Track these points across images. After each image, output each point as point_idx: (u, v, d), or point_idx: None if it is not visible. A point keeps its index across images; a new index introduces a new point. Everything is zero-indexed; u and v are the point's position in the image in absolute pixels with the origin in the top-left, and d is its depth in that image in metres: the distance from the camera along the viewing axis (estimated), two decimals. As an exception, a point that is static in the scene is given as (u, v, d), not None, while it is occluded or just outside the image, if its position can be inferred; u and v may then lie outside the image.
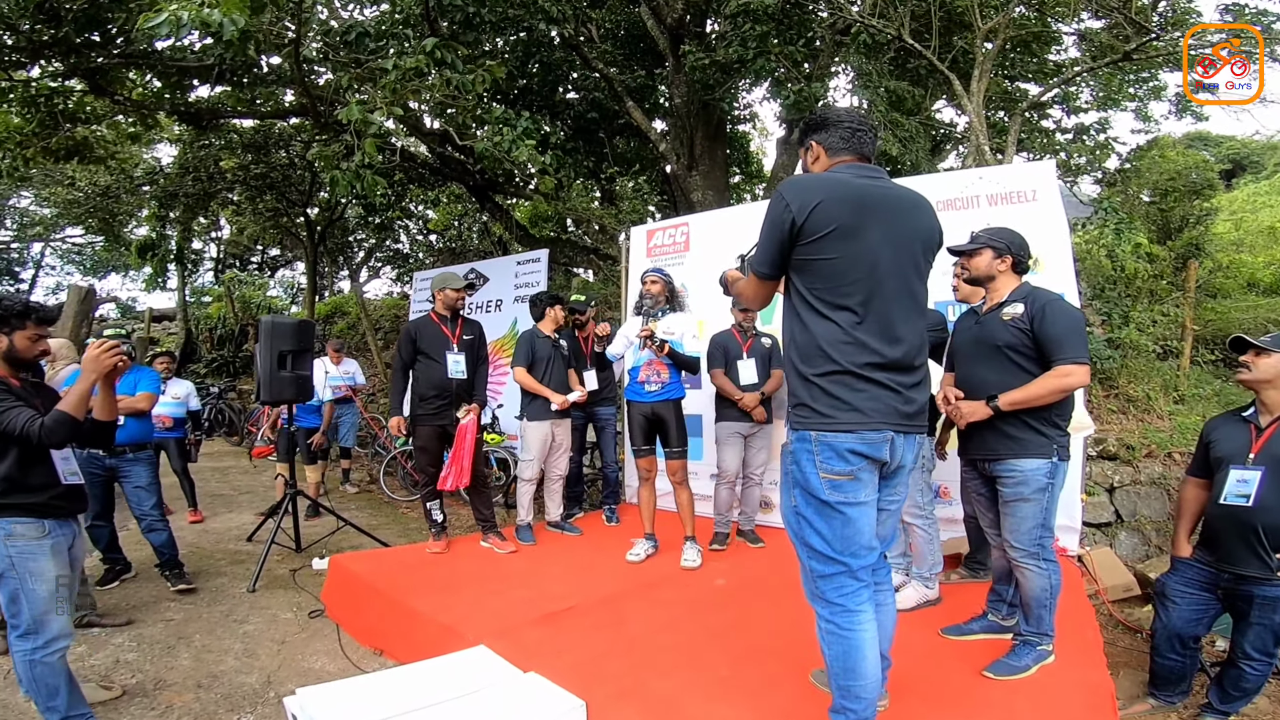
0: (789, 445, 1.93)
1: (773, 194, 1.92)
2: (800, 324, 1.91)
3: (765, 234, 1.91)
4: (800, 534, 1.92)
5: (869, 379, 1.83)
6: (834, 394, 1.83)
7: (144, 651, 3.48)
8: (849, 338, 1.82)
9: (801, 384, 1.89)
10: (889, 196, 1.91)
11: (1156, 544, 4.79)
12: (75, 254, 23.32)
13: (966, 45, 6.83)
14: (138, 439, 4.16)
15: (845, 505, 1.84)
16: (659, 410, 3.96)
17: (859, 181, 1.89)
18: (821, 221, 1.80)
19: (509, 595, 3.43)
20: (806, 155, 2.06)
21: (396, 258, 17.44)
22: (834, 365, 1.82)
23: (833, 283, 1.84)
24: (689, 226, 5.70)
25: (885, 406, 1.84)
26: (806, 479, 1.87)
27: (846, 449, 1.82)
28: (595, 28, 9.55)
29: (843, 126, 1.97)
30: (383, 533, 5.61)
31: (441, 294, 4.37)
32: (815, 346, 1.85)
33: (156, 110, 8.29)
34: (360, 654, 3.44)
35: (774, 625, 3.04)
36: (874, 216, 1.84)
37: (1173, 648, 2.92)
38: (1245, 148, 18.89)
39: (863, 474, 1.85)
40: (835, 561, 1.86)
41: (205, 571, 4.65)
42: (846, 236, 1.81)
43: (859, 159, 1.97)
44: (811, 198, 1.81)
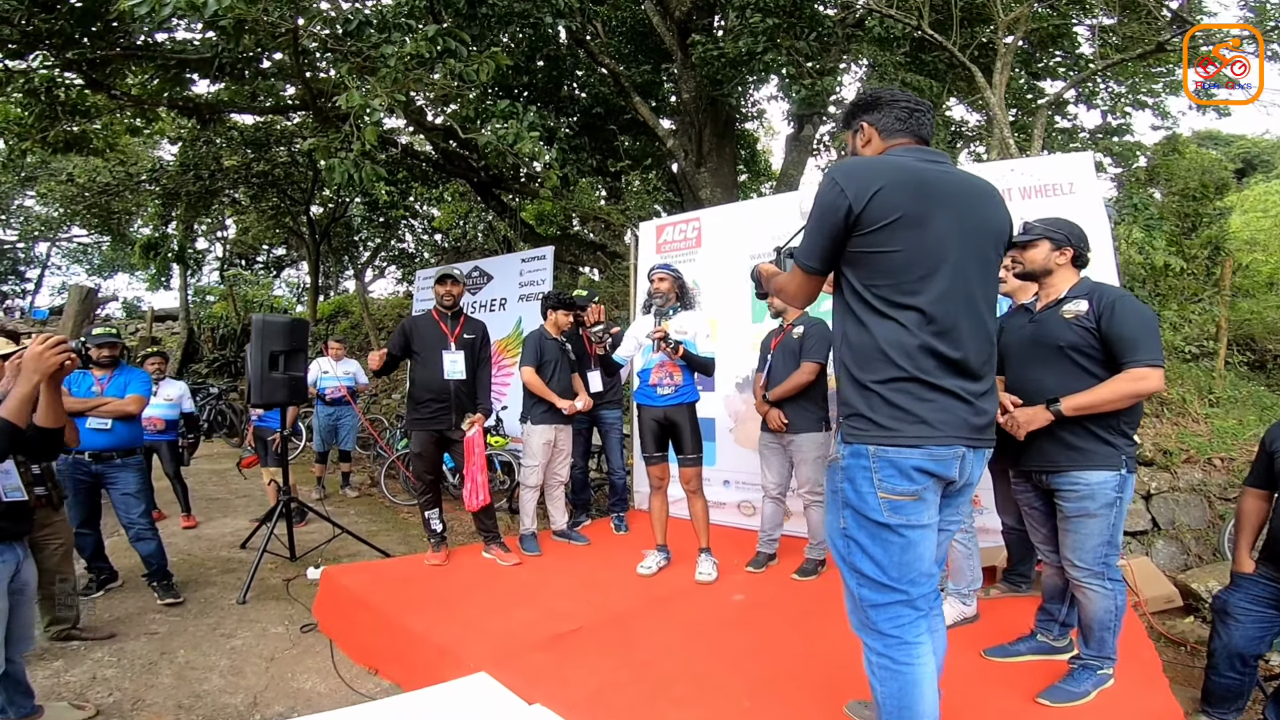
0: (840, 460, 1.72)
1: (824, 177, 1.70)
2: (857, 324, 1.70)
3: (814, 223, 1.71)
4: (849, 559, 1.72)
5: (937, 387, 1.62)
6: (897, 404, 1.62)
7: (124, 667, 3.28)
8: (915, 340, 1.61)
9: (857, 392, 1.68)
10: (956, 183, 1.71)
11: (1196, 553, 4.57)
12: (81, 253, 23.35)
13: (987, 39, 6.61)
14: (126, 444, 3.97)
15: (906, 528, 1.64)
16: (672, 415, 3.72)
17: (922, 165, 1.69)
18: (883, 210, 1.60)
19: (512, 614, 3.20)
20: (856, 139, 1.85)
21: (402, 257, 17.31)
22: (897, 371, 1.62)
23: (895, 278, 1.63)
24: (701, 222, 5.48)
25: (955, 418, 1.64)
26: (862, 499, 1.66)
27: (912, 466, 1.61)
28: (601, 24, 9.38)
29: (898, 105, 1.77)
30: (382, 539, 5.40)
31: (433, 289, 4.21)
32: (875, 350, 1.65)
33: (155, 105, 8.13)
34: (354, 672, 3.23)
35: (799, 649, 2.82)
36: (941, 204, 1.64)
37: (1232, 666, 2.72)
38: (1256, 146, 18.74)
39: (927, 494, 1.65)
40: (891, 590, 1.66)
41: (195, 581, 4.45)
42: (911, 226, 1.61)
43: (917, 142, 1.78)
44: (870, 183, 1.61)
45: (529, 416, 4.37)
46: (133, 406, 3.96)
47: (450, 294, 4.17)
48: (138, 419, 4.08)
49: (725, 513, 4.91)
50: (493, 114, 5.96)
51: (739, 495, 4.98)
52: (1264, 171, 17.74)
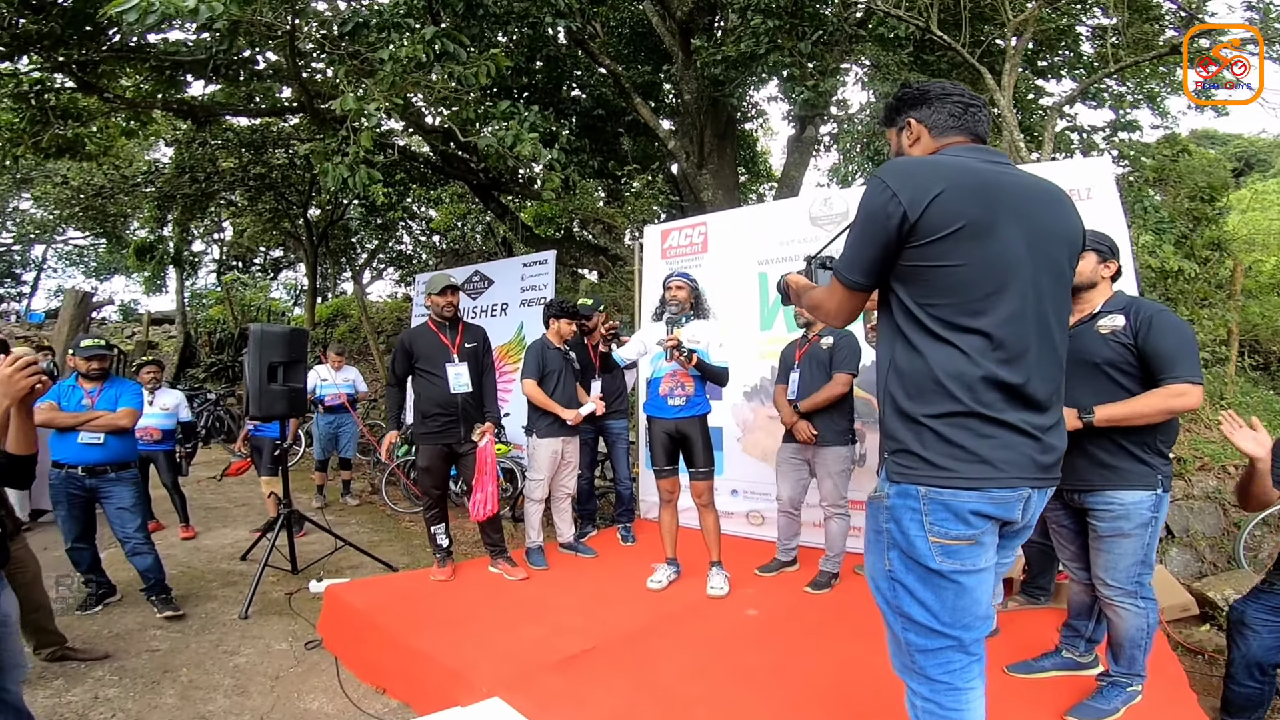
0: (884, 499, 1.55)
1: (870, 179, 1.51)
2: (908, 349, 1.50)
3: (861, 232, 1.52)
4: (895, 603, 1.55)
5: (1001, 422, 1.44)
6: (954, 441, 1.44)
7: (126, 687, 3.20)
8: (978, 369, 1.42)
9: (906, 425, 1.50)
10: (1024, 186, 1.51)
11: (1211, 561, 4.53)
12: (78, 256, 23.22)
13: (994, 39, 6.55)
14: (119, 458, 3.87)
15: (959, 574, 1.47)
16: (683, 427, 3.64)
17: (986, 167, 1.49)
18: (944, 217, 1.41)
19: (521, 633, 3.12)
20: (902, 137, 1.66)
21: (400, 259, 17.21)
22: (955, 405, 1.43)
23: (957, 297, 1.43)
24: (707, 226, 5.41)
25: (1021, 457, 1.45)
26: (910, 543, 1.50)
27: (969, 510, 1.44)
28: (601, 24, 9.31)
29: (951, 100, 1.58)
30: (385, 549, 5.33)
31: (430, 300, 4.07)
32: (930, 379, 1.46)
33: (149, 107, 8.03)
34: (361, 691, 3.15)
35: (818, 667, 2.75)
36: (1009, 211, 1.44)
37: (1251, 675, 2.67)
38: (1252, 146, 18.79)
39: (985, 537, 1.48)
40: (943, 636, 1.50)
41: (195, 595, 4.37)
42: (976, 237, 1.41)
43: (973, 140, 1.58)
44: (929, 186, 1.41)
45: (534, 429, 4.27)
46: (125, 421, 3.86)
47: (451, 304, 4.06)
48: (131, 432, 3.99)
49: (733, 522, 4.85)
50: (492, 115, 5.88)
51: (747, 505, 4.92)
52: (1261, 170, 17.80)
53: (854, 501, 4.34)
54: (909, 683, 1.61)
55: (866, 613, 3.33)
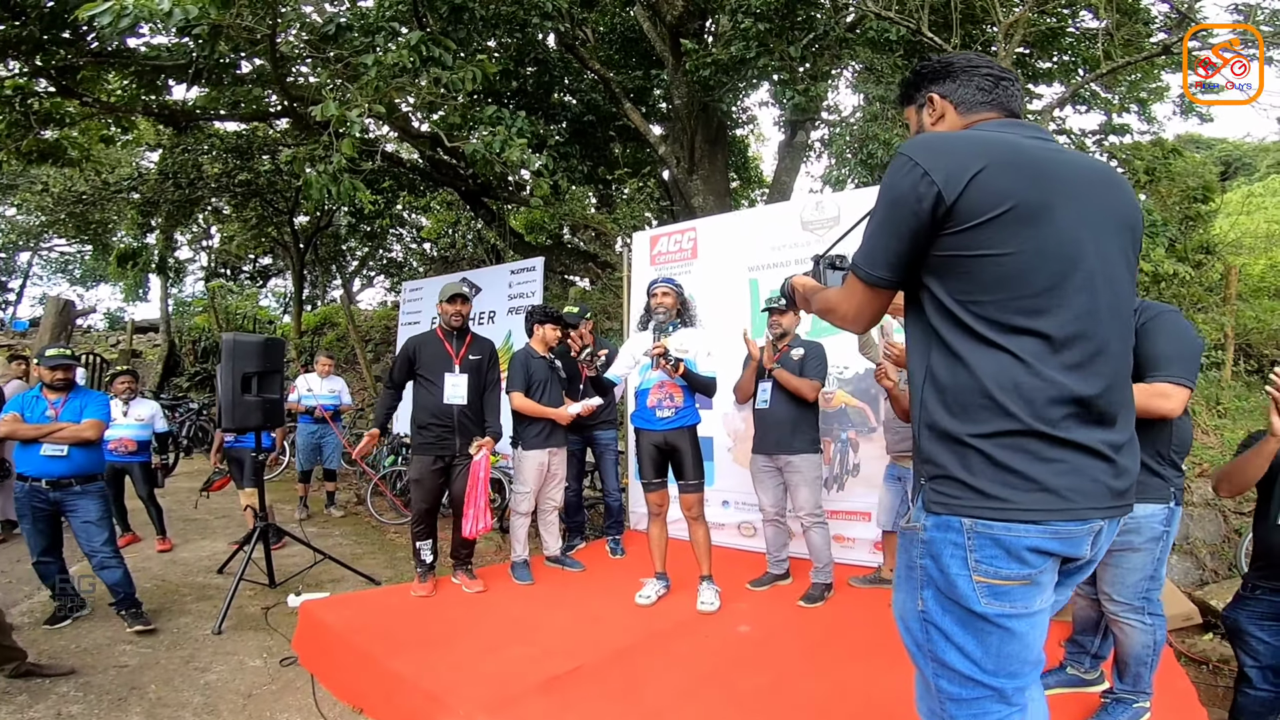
0: (920, 532, 1.31)
1: (893, 159, 1.29)
2: (948, 356, 1.27)
3: (884, 219, 1.29)
4: (929, 647, 1.32)
5: (1067, 442, 1.19)
6: (1009, 465, 1.20)
7: (90, 703, 3.05)
8: (1036, 379, 1.19)
9: (947, 447, 1.26)
10: (1077, 165, 1.29)
11: (1212, 568, 4.46)
12: (63, 264, 23.01)
13: (985, 42, 6.52)
14: (84, 470, 3.73)
15: (1009, 618, 1.24)
16: (672, 439, 3.54)
17: (1030, 143, 1.27)
18: (987, 198, 1.19)
19: (504, 652, 2.99)
20: (923, 115, 1.46)
21: (390, 266, 17.10)
22: (1009, 422, 1.19)
23: (1008, 291, 1.21)
24: (696, 232, 5.32)
25: (1092, 484, 1.21)
26: (950, 582, 1.26)
27: (1026, 547, 1.21)
28: (591, 29, 9.26)
29: (979, 73, 1.39)
30: (367, 562, 5.19)
31: (439, 307, 3.99)
32: (976, 392, 1.22)
33: (129, 112, 7.91)
34: (337, 710, 3.02)
35: (814, 689, 2.65)
36: (1064, 192, 1.22)
37: (1265, 678, 2.59)
38: (1237, 150, 18.95)
39: (1043, 576, 1.25)
40: (981, 686, 1.27)
41: (168, 609, 4.21)
42: (1028, 221, 1.19)
43: (1007, 116, 1.39)
44: (966, 163, 1.20)
45: (521, 441, 4.16)
46: (90, 432, 3.72)
47: (459, 313, 3.99)
48: (97, 444, 3.85)
49: (725, 534, 4.74)
50: (480, 120, 5.79)
51: (739, 516, 4.82)
52: (1245, 174, 17.94)
53: (844, 511, 4.28)
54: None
55: (863, 631, 3.26)
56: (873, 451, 4.34)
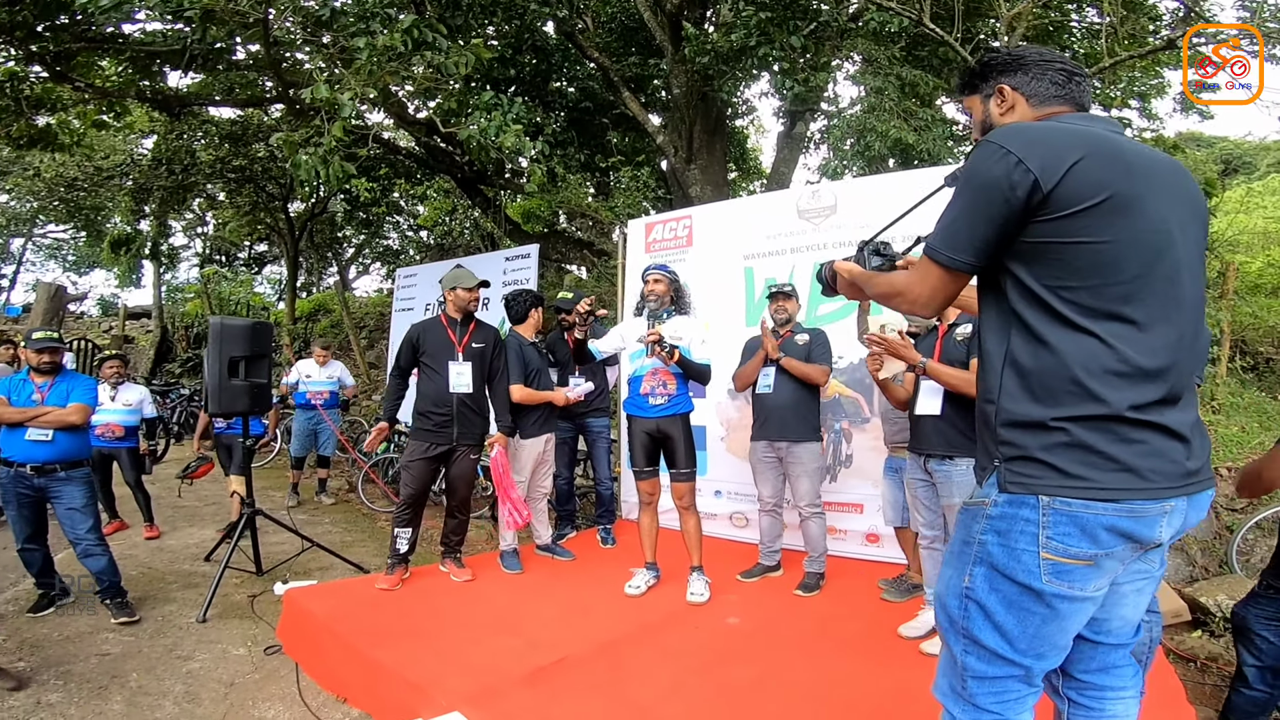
0: (986, 507, 1.36)
1: (980, 146, 1.33)
2: (1032, 340, 1.31)
3: (971, 204, 1.32)
4: (964, 624, 1.38)
5: (1151, 424, 1.25)
6: (1094, 447, 1.25)
7: (71, 692, 3.02)
8: (1123, 363, 1.24)
9: (1028, 430, 1.31)
10: (1155, 158, 1.34)
11: (1203, 565, 4.44)
12: (56, 250, 22.86)
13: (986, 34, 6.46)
14: (70, 456, 3.67)
15: (1063, 599, 1.30)
16: (665, 427, 3.51)
17: (1114, 136, 1.32)
18: (1085, 188, 1.23)
19: (490, 643, 2.96)
20: (990, 105, 1.50)
21: (387, 254, 17.01)
22: (1099, 406, 1.24)
23: (1100, 278, 1.25)
24: (692, 219, 5.27)
25: (1170, 464, 1.26)
26: (1013, 557, 1.31)
27: (1103, 526, 1.26)
28: (590, 17, 9.17)
29: (1054, 67, 1.42)
30: (357, 551, 5.15)
31: (452, 294, 3.89)
32: (1063, 375, 1.27)
33: (121, 97, 7.82)
34: (321, 700, 2.98)
35: (803, 683, 2.62)
36: (1149, 184, 1.27)
37: (1263, 679, 2.60)
38: (1238, 148, 18.91)
39: (1108, 561, 1.30)
40: (1010, 664, 1.36)
41: (153, 597, 4.18)
42: (1122, 211, 1.24)
43: (1078, 111, 1.43)
44: (1064, 153, 1.24)
45: (519, 429, 4.12)
46: (75, 416, 3.66)
47: (477, 300, 3.95)
48: (84, 429, 3.79)
49: (717, 524, 4.72)
50: (476, 107, 5.72)
51: (731, 506, 4.79)
52: (1246, 173, 17.90)
53: (837, 503, 4.25)
54: (950, 707, 1.46)
55: (854, 623, 3.24)
56: (866, 442, 4.31)
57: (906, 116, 6.28)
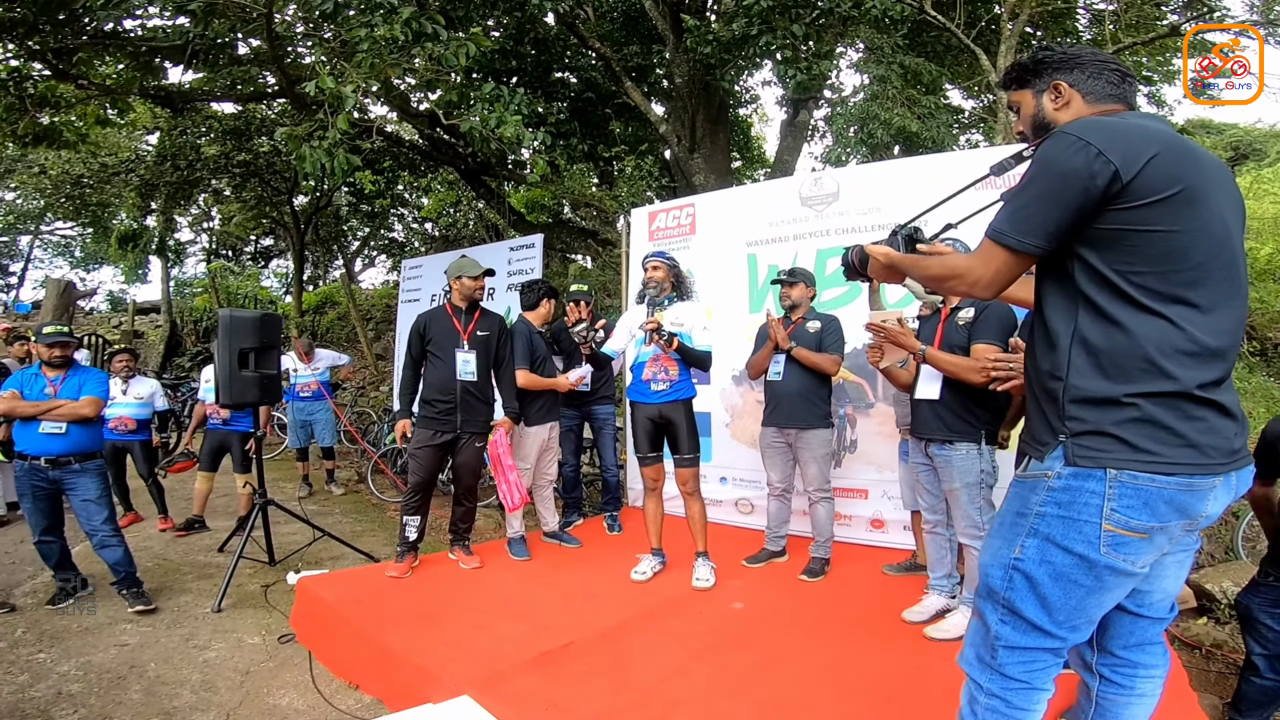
0: (1049, 479, 1.43)
1: (1056, 137, 1.41)
2: (1103, 321, 1.39)
3: (1047, 191, 1.39)
4: (1007, 595, 1.47)
5: (1211, 402, 1.35)
6: (1163, 423, 1.33)
7: (90, 682, 3.08)
8: (1192, 343, 1.33)
9: (1098, 406, 1.38)
10: (1209, 155, 1.45)
11: (1209, 552, 4.45)
12: (64, 246, 22.98)
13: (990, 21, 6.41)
14: (83, 448, 3.73)
15: (1113, 571, 1.38)
16: (667, 412, 3.53)
17: (1177, 134, 1.43)
18: (1161, 180, 1.32)
19: (497, 629, 3.01)
20: (1043, 100, 1.57)
21: (392, 246, 17.05)
22: (1169, 384, 1.33)
23: (1170, 264, 1.34)
24: (695, 208, 5.27)
25: (1223, 440, 1.36)
26: (1073, 527, 1.39)
27: (1165, 499, 1.35)
28: (591, 7, 9.13)
29: (1108, 68, 1.51)
30: (367, 540, 5.21)
31: (457, 283, 3.92)
32: (1135, 354, 1.35)
33: (124, 94, 7.85)
34: (334, 687, 3.04)
35: (807, 667, 2.65)
36: (1211, 178, 1.38)
37: (1273, 668, 2.63)
38: (1248, 135, 18.63)
39: (1159, 536, 1.38)
40: (1046, 635, 1.44)
41: (169, 587, 4.25)
42: (1192, 202, 1.34)
43: (1129, 110, 1.51)
44: (1143, 148, 1.33)
45: (524, 417, 4.15)
46: (88, 409, 3.71)
47: (482, 288, 3.99)
48: (96, 422, 3.85)
49: (722, 510, 4.75)
50: (479, 98, 5.73)
51: (736, 492, 4.82)
52: (1256, 160, 17.65)
53: (841, 489, 4.27)
54: (976, 676, 1.53)
55: (856, 609, 3.26)
56: (871, 428, 4.33)
57: (910, 104, 6.25)
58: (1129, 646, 1.58)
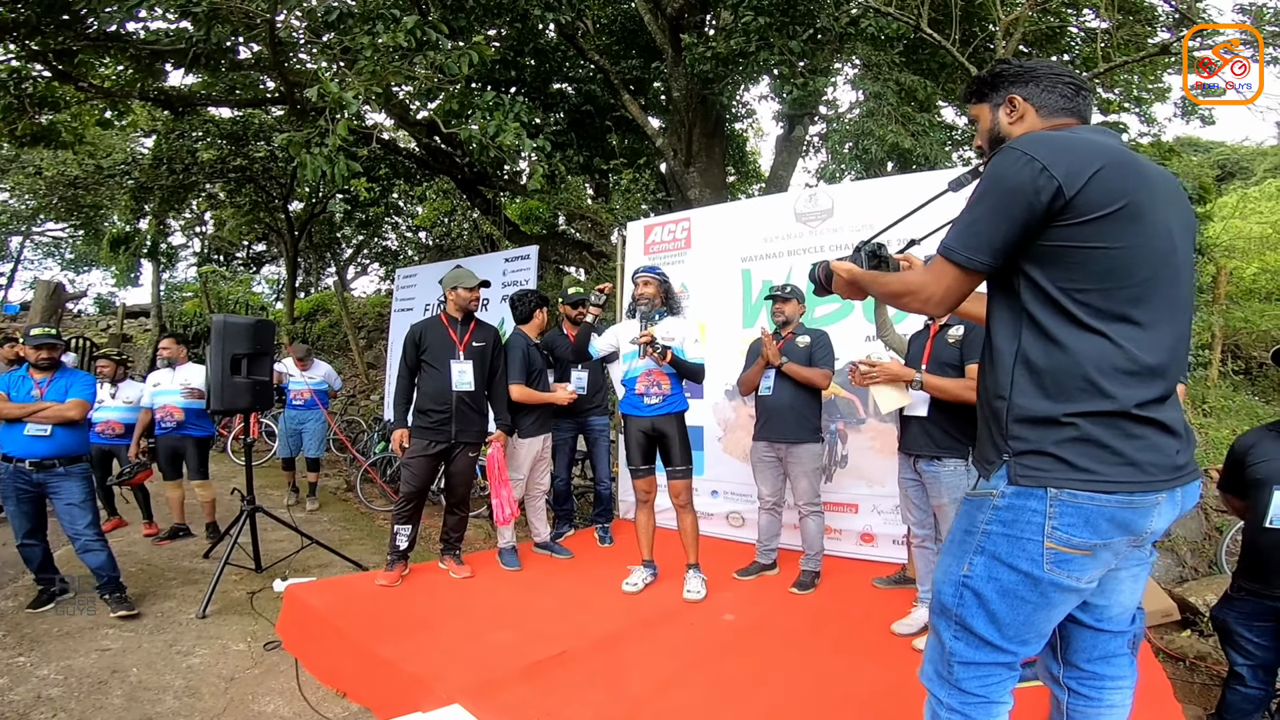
0: (994, 499, 1.43)
1: (1004, 152, 1.39)
2: (1043, 339, 1.38)
3: (995, 207, 1.37)
4: (958, 612, 1.46)
5: (1151, 420, 1.33)
6: (1101, 441, 1.33)
7: (71, 687, 3.04)
8: (1131, 362, 1.32)
9: (1039, 425, 1.38)
10: (1156, 169, 1.43)
11: (1192, 565, 4.49)
12: (54, 248, 22.81)
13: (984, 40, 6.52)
14: (69, 451, 3.71)
15: (1058, 588, 1.38)
16: (660, 425, 3.54)
17: (1125, 148, 1.40)
18: (1105, 195, 1.30)
19: (489, 638, 2.99)
20: (999, 114, 1.56)
21: (385, 255, 17.03)
22: (1107, 403, 1.32)
23: (1113, 281, 1.33)
24: (691, 222, 5.31)
25: (1164, 459, 1.35)
26: (1017, 545, 1.39)
27: (1106, 517, 1.34)
28: (591, 20, 9.22)
29: (1063, 81, 1.50)
30: (355, 548, 5.17)
31: (453, 293, 3.93)
32: (1075, 374, 1.34)
33: (125, 96, 7.85)
34: (320, 695, 3.01)
35: (798, 678, 2.65)
36: (1156, 192, 1.36)
37: (1257, 677, 2.66)
38: (1235, 153, 18.93)
39: (1104, 553, 1.38)
40: (997, 649, 1.44)
41: (153, 593, 4.20)
42: (1136, 218, 1.32)
43: (1082, 124, 1.50)
44: (1087, 161, 1.31)
45: (518, 429, 4.15)
46: (74, 412, 3.69)
47: (477, 299, 4.00)
48: (82, 425, 3.83)
49: (713, 524, 4.75)
50: (478, 108, 5.76)
51: (727, 506, 4.82)
52: (1242, 178, 17.94)
53: (831, 503, 4.29)
54: (936, 692, 1.52)
55: (848, 621, 3.28)
56: (861, 443, 4.35)
57: (904, 121, 6.33)
58: (1093, 659, 1.59)
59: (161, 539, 5.31)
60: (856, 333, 4.32)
